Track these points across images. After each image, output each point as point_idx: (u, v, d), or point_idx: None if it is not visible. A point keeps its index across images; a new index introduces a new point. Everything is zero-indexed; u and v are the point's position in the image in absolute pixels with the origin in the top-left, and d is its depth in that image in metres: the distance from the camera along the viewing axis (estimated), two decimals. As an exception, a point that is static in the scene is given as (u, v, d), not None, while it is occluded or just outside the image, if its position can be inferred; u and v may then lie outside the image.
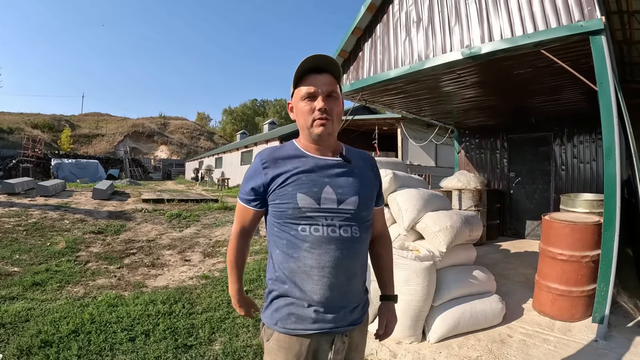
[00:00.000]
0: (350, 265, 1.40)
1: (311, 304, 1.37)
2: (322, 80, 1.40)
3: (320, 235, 1.36)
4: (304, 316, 1.37)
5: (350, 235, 1.40)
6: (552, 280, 3.88)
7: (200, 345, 3.27)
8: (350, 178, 1.45)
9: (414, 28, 5.12)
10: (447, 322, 3.40)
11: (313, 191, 1.37)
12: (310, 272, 1.36)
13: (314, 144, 1.46)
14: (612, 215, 3.31)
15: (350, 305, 1.43)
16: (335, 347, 1.41)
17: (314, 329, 1.37)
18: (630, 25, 5.24)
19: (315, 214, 1.37)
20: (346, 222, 1.39)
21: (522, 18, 3.94)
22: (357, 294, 1.47)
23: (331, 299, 1.37)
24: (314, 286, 1.36)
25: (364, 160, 1.57)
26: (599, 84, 3.39)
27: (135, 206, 10.92)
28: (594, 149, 7.49)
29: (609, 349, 3.17)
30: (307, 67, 1.40)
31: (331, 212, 1.38)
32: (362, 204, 1.43)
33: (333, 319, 1.38)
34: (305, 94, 1.40)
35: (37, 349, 3.05)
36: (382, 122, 14.32)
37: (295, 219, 1.37)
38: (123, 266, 5.70)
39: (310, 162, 1.43)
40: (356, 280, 1.44)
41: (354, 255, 1.41)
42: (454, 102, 7.15)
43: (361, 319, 1.50)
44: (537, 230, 8.18)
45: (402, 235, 4.00)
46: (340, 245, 1.37)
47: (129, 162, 36.13)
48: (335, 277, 1.36)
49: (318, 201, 1.37)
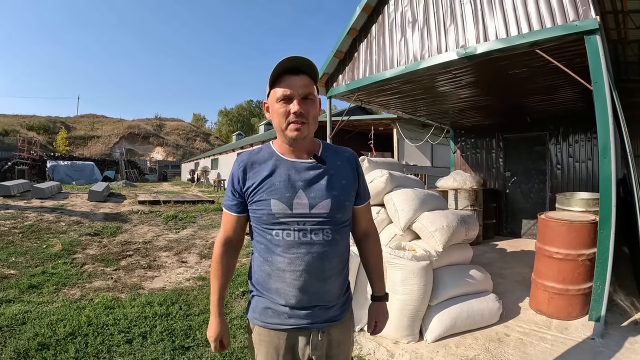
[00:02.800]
0: (322, 268, 1.41)
1: (286, 302, 1.41)
2: (298, 82, 1.38)
3: (292, 240, 1.38)
4: (280, 312, 1.42)
5: (322, 239, 1.40)
6: (548, 279, 3.89)
7: (197, 346, 3.26)
8: (323, 181, 1.44)
9: (410, 28, 5.13)
10: (444, 321, 3.41)
11: (286, 197, 1.39)
12: (282, 275, 1.40)
13: (289, 146, 1.46)
14: (608, 213, 3.33)
15: (326, 304, 1.46)
16: (313, 343, 1.44)
17: (290, 324, 1.42)
18: (625, 24, 5.25)
19: (287, 219, 1.39)
20: (318, 225, 1.40)
21: (517, 18, 3.96)
22: (333, 294, 1.47)
23: (304, 300, 1.41)
24: (286, 288, 1.40)
25: (342, 158, 1.55)
26: (594, 83, 3.41)
27: (131, 208, 10.89)
28: (589, 148, 7.52)
29: (606, 346, 3.19)
30: (283, 68, 1.38)
31: (303, 217, 1.39)
32: (335, 206, 1.43)
33: (308, 316, 1.42)
34: (281, 95, 1.38)
35: (34, 352, 3.03)
36: (378, 123, 14.32)
37: (269, 224, 1.40)
38: (119, 268, 5.68)
39: (284, 166, 1.44)
40: (331, 282, 1.45)
41: (326, 258, 1.41)
42: (449, 102, 7.17)
43: (340, 316, 1.51)
44: (533, 229, 8.21)
45: (398, 235, 4.01)
46: (310, 249, 1.39)
47: (124, 164, 36.04)
48: (306, 280, 1.39)
49: (290, 207, 1.38)
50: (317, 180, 1.43)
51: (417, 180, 4.75)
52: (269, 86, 1.43)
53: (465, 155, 9.73)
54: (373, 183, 4.15)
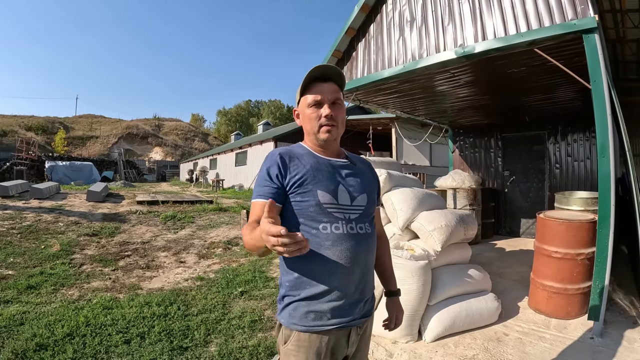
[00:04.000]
0: (367, 260, 1.49)
1: (331, 300, 1.41)
2: (327, 89, 1.47)
3: (341, 233, 1.41)
4: (323, 312, 1.41)
5: (365, 232, 1.48)
6: (547, 278, 3.89)
7: (195, 347, 3.25)
8: (357, 178, 1.54)
9: (408, 28, 5.12)
10: (443, 321, 3.40)
11: (330, 188, 1.44)
12: (332, 270, 1.40)
13: (320, 148, 1.54)
14: (607, 212, 3.32)
15: (365, 297, 1.51)
16: (351, 340, 1.48)
17: (333, 324, 1.41)
18: (623, 23, 5.26)
19: (334, 211, 1.42)
20: (360, 218, 1.48)
21: (516, 17, 3.95)
22: (371, 287, 1.55)
23: (351, 294, 1.44)
24: (335, 283, 1.40)
25: (363, 163, 1.67)
26: (593, 82, 3.41)
27: (129, 208, 10.87)
28: (587, 147, 7.52)
29: (605, 345, 3.18)
30: (313, 76, 1.47)
31: (347, 209, 1.45)
32: (370, 200, 1.54)
33: (351, 313, 1.44)
34: (312, 101, 1.47)
35: (32, 352, 3.03)
36: (376, 122, 14.33)
37: (318, 214, 1.41)
38: (118, 268, 5.67)
39: (323, 161, 1.51)
40: (371, 273, 1.54)
41: (369, 250, 1.50)
42: (448, 101, 7.16)
43: (372, 310, 1.57)
44: (531, 228, 8.21)
45: (396, 234, 4.00)
46: (358, 241, 1.44)
47: (123, 164, 35.98)
48: (354, 273, 1.43)
49: (336, 197, 1.44)
50: (353, 177, 1.54)
51: (415, 179, 4.75)
52: (300, 94, 1.53)
53: (464, 154, 9.72)
54: (371, 182, 4.14)
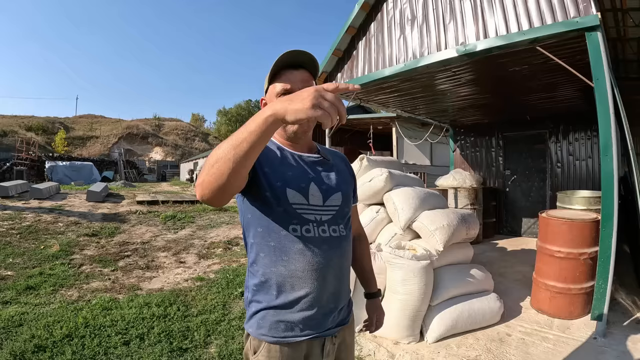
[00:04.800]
0: (341, 265, 1.37)
1: (302, 309, 1.30)
2: (298, 77, 1.33)
3: (312, 236, 1.30)
4: (294, 322, 1.30)
5: (338, 234, 1.36)
6: (550, 278, 3.87)
7: (195, 348, 3.23)
8: (332, 175, 1.42)
9: (409, 26, 5.10)
10: (445, 321, 3.38)
11: (301, 187, 1.31)
12: (302, 276, 1.29)
13: (289, 142, 1.40)
14: (610, 212, 3.30)
15: (339, 305, 1.40)
16: (326, 350, 1.37)
17: (305, 335, 1.31)
18: (624, 22, 5.23)
19: (304, 212, 1.30)
20: (333, 219, 1.35)
21: (517, 14, 3.93)
22: (346, 293, 1.44)
23: (323, 301, 1.32)
24: (306, 290, 1.29)
25: (338, 157, 1.55)
26: (595, 80, 3.38)
27: (129, 208, 10.86)
28: (589, 146, 7.50)
29: (608, 346, 3.16)
30: (283, 63, 1.33)
31: (319, 210, 1.33)
32: (345, 199, 1.41)
33: (324, 322, 1.34)
34: (281, 90, 1.32)
35: (31, 353, 3.01)
36: (377, 122, 14.30)
37: (285, 216, 1.29)
38: (117, 269, 5.65)
39: (293, 157, 1.38)
40: (345, 279, 1.42)
41: (344, 254, 1.38)
42: (449, 100, 7.14)
43: (348, 317, 1.48)
44: (533, 228, 8.19)
45: (398, 234, 3.97)
46: (331, 245, 1.33)
47: (123, 164, 35.96)
48: (327, 279, 1.32)
49: (306, 197, 1.31)
50: (327, 174, 1.41)
51: (416, 179, 4.73)
52: (268, 81, 1.38)
53: (465, 153, 9.70)
54: (372, 182, 4.12)
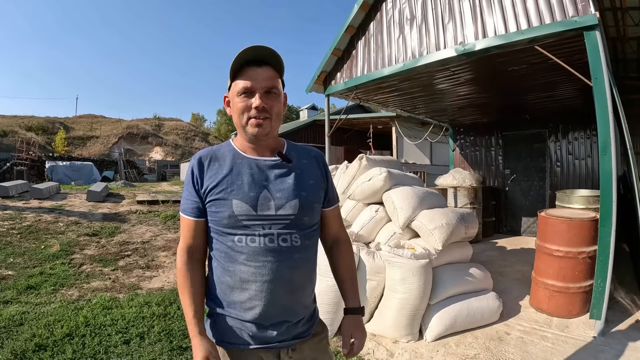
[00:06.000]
0: (291, 278, 1.28)
1: (249, 320, 1.26)
2: (261, 75, 1.26)
3: (257, 247, 1.24)
4: (244, 330, 1.27)
5: (290, 245, 1.27)
6: (549, 277, 3.87)
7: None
8: (289, 180, 1.32)
9: (408, 26, 5.11)
10: (444, 320, 3.39)
11: (249, 196, 1.26)
12: (246, 287, 1.25)
13: (250, 144, 1.34)
14: (609, 210, 3.31)
15: (294, 319, 1.32)
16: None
17: (256, 344, 1.27)
18: (623, 21, 5.24)
19: (251, 222, 1.25)
20: (285, 229, 1.27)
21: (516, 14, 3.94)
22: (302, 307, 1.35)
23: (271, 314, 1.26)
24: (251, 302, 1.25)
25: (309, 157, 1.44)
26: (594, 79, 3.39)
27: (129, 208, 10.85)
28: (588, 145, 7.51)
29: (607, 345, 3.17)
30: (245, 59, 1.25)
31: (269, 220, 1.26)
32: (303, 208, 1.30)
33: (275, 334, 1.28)
34: (242, 89, 1.26)
35: (31, 353, 3.01)
36: (376, 121, 14.31)
37: (231, 227, 1.25)
38: (118, 268, 5.65)
39: (247, 164, 1.32)
40: (299, 293, 1.32)
41: (295, 266, 1.28)
42: (448, 99, 7.15)
43: (308, 332, 1.38)
44: (532, 227, 8.19)
45: (397, 233, 3.98)
46: (279, 256, 1.25)
47: (123, 164, 35.94)
48: (274, 292, 1.25)
49: (255, 208, 1.25)
50: (283, 179, 1.32)
51: (416, 178, 4.73)
52: (230, 78, 1.31)
53: (465, 153, 9.71)
54: (371, 181, 4.13)
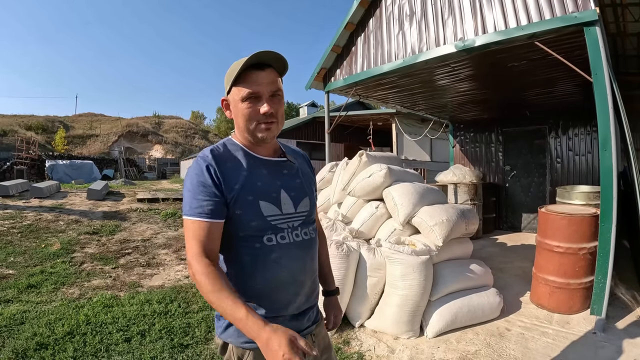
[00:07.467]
0: (313, 268, 1.40)
1: (281, 314, 1.29)
2: (265, 79, 1.25)
3: (288, 243, 1.29)
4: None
5: (310, 238, 1.37)
6: (549, 273, 3.88)
7: (196, 344, 3.24)
8: (297, 179, 1.40)
9: (407, 22, 5.10)
10: (445, 316, 3.39)
11: (273, 197, 1.29)
12: (281, 283, 1.29)
13: (256, 146, 1.34)
14: (609, 206, 3.30)
15: (314, 306, 1.44)
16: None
17: None
18: (624, 17, 5.23)
19: (279, 222, 1.29)
20: (303, 225, 1.36)
21: (516, 10, 3.92)
22: (317, 293, 1.47)
23: (300, 304, 1.35)
24: (285, 296, 1.30)
25: (300, 157, 1.52)
26: (594, 75, 3.38)
27: (130, 206, 10.85)
28: (589, 141, 7.50)
29: (608, 340, 3.17)
30: (248, 63, 1.23)
31: (292, 218, 1.32)
32: (312, 203, 1.42)
33: (302, 322, 1.36)
34: (248, 94, 1.24)
35: (33, 351, 3.02)
36: (376, 118, 14.31)
37: (259, 230, 1.25)
38: (118, 266, 5.66)
39: (261, 164, 1.33)
40: (316, 279, 1.45)
41: (314, 256, 1.41)
42: (448, 95, 7.14)
43: (318, 315, 1.51)
44: (533, 223, 8.19)
45: (397, 229, 3.98)
46: (305, 249, 1.34)
47: (123, 162, 35.92)
48: (303, 282, 1.34)
49: (280, 208, 1.30)
50: (294, 178, 1.39)
51: (416, 174, 4.73)
52: (231, 83, 1.27)
53: (465, 149, 9.70)
54: (371, 177, 4.13)
